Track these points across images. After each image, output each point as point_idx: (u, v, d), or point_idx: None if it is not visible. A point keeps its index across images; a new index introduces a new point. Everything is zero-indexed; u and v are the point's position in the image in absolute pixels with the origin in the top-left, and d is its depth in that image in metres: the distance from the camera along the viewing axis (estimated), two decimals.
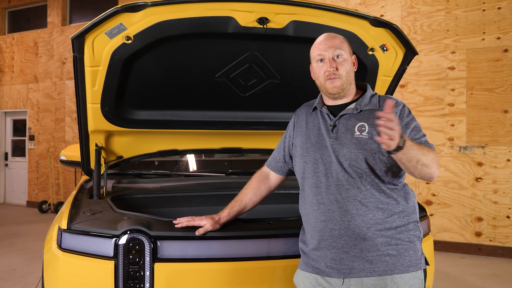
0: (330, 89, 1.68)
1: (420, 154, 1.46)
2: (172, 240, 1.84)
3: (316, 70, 1.71)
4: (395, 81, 2.50)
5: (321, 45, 1.69)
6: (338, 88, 1.67)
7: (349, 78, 1.68)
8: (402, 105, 1.66)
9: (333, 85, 1.66)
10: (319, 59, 1.69)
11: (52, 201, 8.49)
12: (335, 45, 1.67)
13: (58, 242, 1.91)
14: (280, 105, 2.62)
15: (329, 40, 1.69)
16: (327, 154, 1.66)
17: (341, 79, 1.66)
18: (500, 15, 5.30)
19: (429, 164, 1.49)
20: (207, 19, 2.01)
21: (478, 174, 5.37)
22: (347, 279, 1.58)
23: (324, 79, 1.68)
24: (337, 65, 1.65)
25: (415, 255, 1.59)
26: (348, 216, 1.58)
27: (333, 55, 1.66)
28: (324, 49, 1.67)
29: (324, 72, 1.67)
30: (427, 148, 1.53)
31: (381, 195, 1.59)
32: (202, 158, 3.58)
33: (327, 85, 1.68)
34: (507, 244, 5.22)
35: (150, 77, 2.33)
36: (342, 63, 1.66)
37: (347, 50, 1.69)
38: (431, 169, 1.50)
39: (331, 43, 1.67)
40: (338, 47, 1.67)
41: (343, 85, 1.67)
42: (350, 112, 1.67)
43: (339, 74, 1.65)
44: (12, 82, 9.60)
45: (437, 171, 1.53)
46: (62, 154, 3.33)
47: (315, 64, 1.71)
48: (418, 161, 1.46)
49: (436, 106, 5.62)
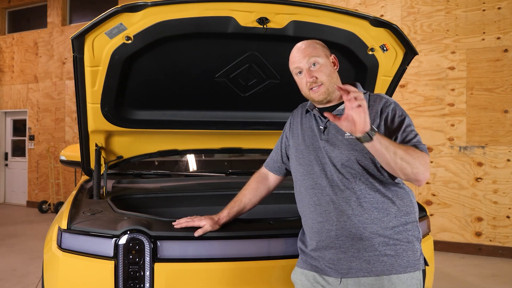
0: (316, 98, 1.68)
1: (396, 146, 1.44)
2: (172, 240, 1.84)
3: (298, 83, 1.72)
4: (395, 81, 2.50)
5: (295, 57, 1.69)
6: (324, 94, 1.66)
7: (332, 80, 1.67)
8: (392, 105, 1.64)
9: (318, 94, 1.66)
10: (297, 72, 1.69)
11: (52, 201, 8.49)
12: (308, 54, 1.66)
13: (58, 242, 1.91)
14: (280, 105, 2.62)
15: (301, 51, 1.68)
16: (321, 155, 1.66)
17: (324, 85, 1.65)
18: (500, 15, 5.30)
19: (411, 161, 1.45)
20: (207, 19, 2.01)
21: (478, 174, 5.37)
22: (344, 278, 1.58)
23: (308, 90, 1.68)
24: (316, 74, 1.65)
25: (413, 255, 1.59)
26: (344, 217, 1.58)
27: (309, 64, 1.66)
28: (299, 61, 1.67)
29: (306, 83, 1.67)
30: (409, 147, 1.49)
31: (376, 195, 1.58)
32: (202, 158, 3.58)
33: (312, 95, 1.68)
34: (507, 244, 5.22)
35: (150, 77, 2.33)
36: (320, 70, 1.65)
37: (322, 54, 1.68)
38: (413, 168, 1.45)
39: (303, 53, 1.67)
40: (311, 55, 1.66)
41: (328, 89, 1.66)
42: (341, 112, 1.66)
43: (321, 81, 1.65)
44: (12, 82, 9.60)
45: (424, 173, 1.47)
46: (62, 154, 3.33)
47: (295, 77, 1.72)
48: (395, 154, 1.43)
49: (436, 106, 5.62)
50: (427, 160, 1.51)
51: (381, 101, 1.65)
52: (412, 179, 1.49)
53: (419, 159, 1.48)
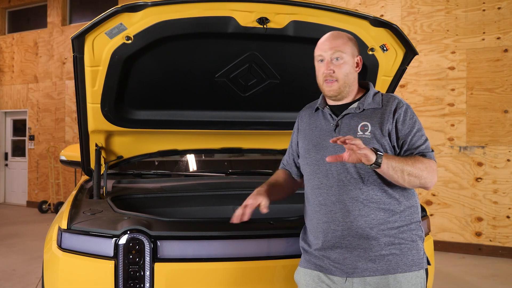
0: (326, 92, 1.68)
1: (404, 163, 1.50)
2: (172, 240, 1.84)
3: (316, 69, 1.70)
4: (395, 81, 2.50)
5: (323, 45, 1.67)
6: (335, 91, 1.65)
7: (347, 80, 1.65)
8: (404, 106, 1.64)
9: (330, 88, 1.65)
10: (319, 59, 1.68)
11: (52, 201, 8.49)
12: (336, 47, 1.64)
13: (58, 242, 1.91)
14: (280, 105, 2.62)
15: (331, 40, 1.66)
16: (328, 154, 1.65)
17: (338, 82, 1.64)
18: (500, 15, 5.30)
19: (418, 174, 1.51)
20: (207, 19, 2.01)
21: (478, 174, 5.37)
22: (350, 277, 1.59)
23: (322, 80, 1.67)
24: (335, 68, 1.63)
25: (417, 254, 1.60)
26: (351, 217, 1.58)
27: (332, 57, 1.64)
28: (324, 49, 1.65)
29: (322, 73, 1.66)
30: (415, 159, 1.54)
31: (383, 195, 1.59)
32: (202, 158, 3.58)
33: (324, 87, 1.67)
34: (507, 244, 5.22)
35: (150, 77, 2.33)
36: (340, 66, 1.63)
37: (349, 51, 1.65)
38: (421, 179, 1.53)
39: (332, 44, 1.64)
40: (338, 49, 1.63)
41: (340, 88, 1.65)
42: (353, 111, 1.66)
43: (336, 76, 1.63)
44: (12, 82, 9.60)
45: (432, 180, 1.55)
46: (62, 154, 3.33)
47: (316, 63, 1.70)
48: (403, 172, 1.49)
49: (436, 106, 5.62)
50: (434, 167, 1.56)
51: (394, 101, 1.65)
52: (421, 187, 1.57)
53: (427, 169, 1.53)
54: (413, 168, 1.51)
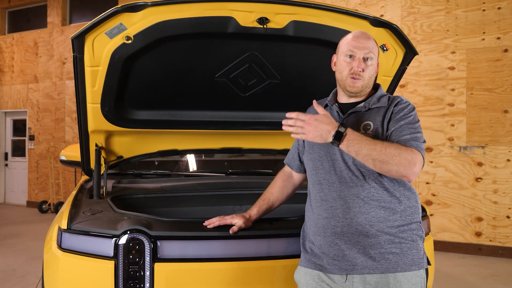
0: (349, 88, 1.69)
1: (370, 148, 1.49)
2: (172, 240, 1.84)
3: (341, 64, 1.70)
4: (395, 81, 2.50)
5: (356, 42, 1.68)
6: (358, 88, 1.68)
7: (370, 82, 1.70)
8: (407, 105, 1.67)
9: (354, 85, 1.67)
10: (349, 54, 1.68)
11: (52, 201, 8.49)
12: (369, 48, 1.67)
13: (58, 242, 1.91)
14: (280, 105, 2.62)
15: (365, 40, 1.68)
16: (332, 151, 1.66)
17: (363, 81, 1.67)
18: (500, 15, 5.30)
19: (386, 159, 1.48)
20: (207, 19, 2.01)
21: (478, 174, 5.37)
22: (350, 275, 1.59)
23: (347, 76, 1.68)
24: (365, 67, 1.66)
25: (417, 254, 1.60)
26: (351, 214, 1.59)
27: (365, 56, 1.66)
28: (357, 47, 1.66)
29: (350, 69, 1.67)
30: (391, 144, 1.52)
31: (384, 193, 1.59)
32: (202, 158, 3.58)
33: (348, 82, 1.68)
34: (507, 244, 5.22)
35: (150, 77, 2.33)
36: (369, 67, 1.67)
37: (376, 55, 1.70)
38: (390, 165, 1.48)
39: (366, 44, 1.67)
40: (371, 51, 1.67)
41: (363, 87, 1.68)
42: (359, 110, 1.69)
43: (363, 76, 1.66)
44: (12, 82, 9.60)
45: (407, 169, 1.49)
46: (62, 154, 3.33)
47: (342, 57, 1.70)
48: (368, 155, 1.49)
49: (436, 106, 5.62)
50: (414, 157, 1.51)
51: (398, 100, 1.68)
52: (397, 176, 1.54)
53: (401, 156, 1.49)
54: (381, 152, 1.48)
